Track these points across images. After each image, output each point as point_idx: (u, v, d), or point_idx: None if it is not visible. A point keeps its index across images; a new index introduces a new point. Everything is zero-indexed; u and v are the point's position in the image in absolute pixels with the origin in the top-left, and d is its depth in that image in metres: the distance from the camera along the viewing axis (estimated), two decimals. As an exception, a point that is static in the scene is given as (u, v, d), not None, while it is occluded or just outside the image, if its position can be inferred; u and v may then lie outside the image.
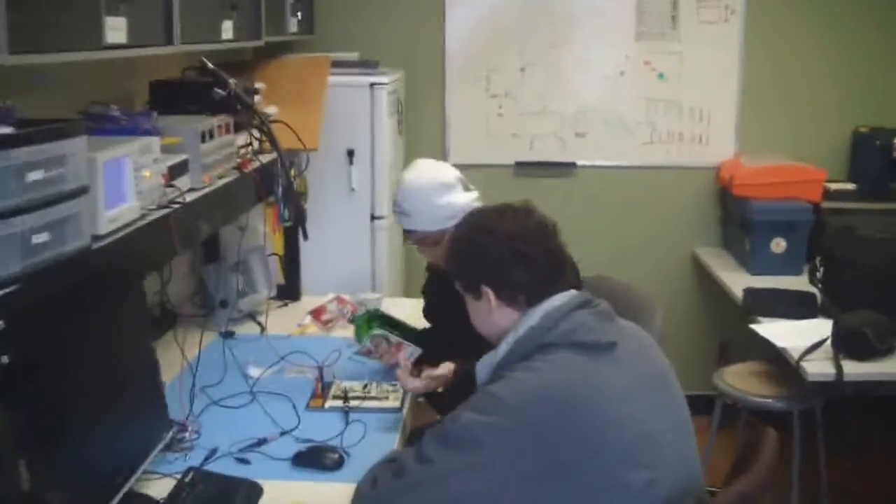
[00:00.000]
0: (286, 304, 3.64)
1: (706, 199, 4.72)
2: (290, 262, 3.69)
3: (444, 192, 2.69)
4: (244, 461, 2.33)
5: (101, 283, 1.95)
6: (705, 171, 4.67)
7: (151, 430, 2.23)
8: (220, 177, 2.63)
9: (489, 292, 2.03)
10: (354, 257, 3.97)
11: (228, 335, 3.23)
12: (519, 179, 4.72)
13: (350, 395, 2.68)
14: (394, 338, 2.79)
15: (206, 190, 2.51)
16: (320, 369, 2.79)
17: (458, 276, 2.11)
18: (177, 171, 2.34)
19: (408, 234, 2.78)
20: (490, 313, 2.05)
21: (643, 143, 4.68)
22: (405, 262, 4.49)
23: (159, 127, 2.36)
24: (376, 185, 3.96)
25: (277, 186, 3.13)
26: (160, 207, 2.18)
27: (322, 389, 2.73)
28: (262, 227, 3.44)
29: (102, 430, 1.96)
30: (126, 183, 2.02)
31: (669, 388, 2.00)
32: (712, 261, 4.55)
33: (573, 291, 2.04)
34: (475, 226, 2.11)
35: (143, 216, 2.11)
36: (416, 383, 2.55)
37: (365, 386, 2.74)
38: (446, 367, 2.56)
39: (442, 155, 4.70)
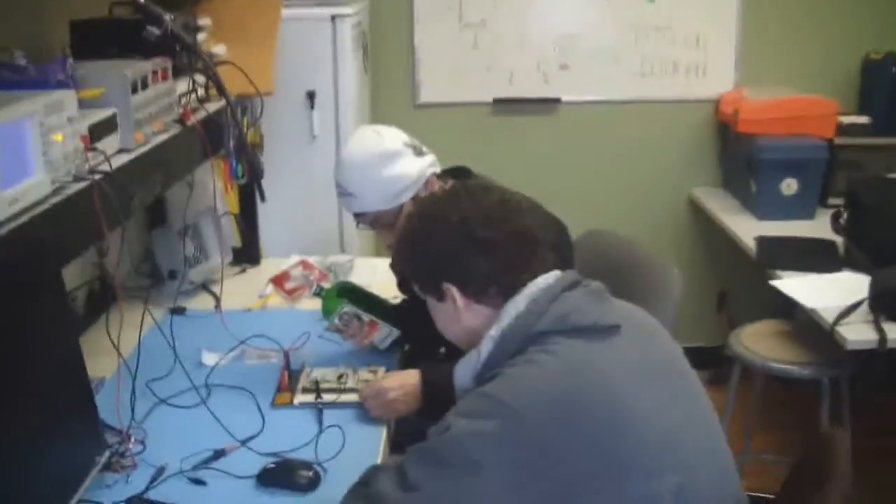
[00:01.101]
0: (244, 271, 3.22)
1: (704, 136, 4.32)
2: (247, 221, 3.25)
3: (391, 161, 2.29)
4: (199, 482, 1.92)
5: (4, 281, 1.52)
6: (703, 105, 4.26)
7: (82, 452, 1.82)
8: (157, 133, 2.18)
9: (452, 290, 1.71)
10: (320, 214, 3.53)
11: (178, 311, 2.81)
12: (497, 118, 4.30)
13: (323, 386, 2.28)
14: (366, 316, 2.39)
15: (140, 150, 2.07)
16: (286, 355, 2.38)
17: (414, 277, 1.79)
18: (101, 130, 1.90)
19: (358, 217, 2.40)
20: (458, 314, 1.73)
21: (633, 74, 4.26)
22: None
23: (77, 77, 1.91)
24: (341, 130, 3.51)
25: (228, 139, 2.68)
26: (78, 179, 1.73)
27: (289, 380, 2.32)
28: (212, 184, 2.99)
29: (18, 459, 1.56)
30: (29, 152, 1.58)
31: (684, 375, 1.71)
32: (712, 203, 4.18)
33: (557, 272, 1.71)
34: (423, 214, 1.78)
35: (56, 192, 1.67)
36: (379, 411, 2.19)
37: (340, 376, 2.33)
38: (403, 380, 2.19)
39: (411, 94, 4.27)
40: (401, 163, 2.27)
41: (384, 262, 3.13)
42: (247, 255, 3.26)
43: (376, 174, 2.26)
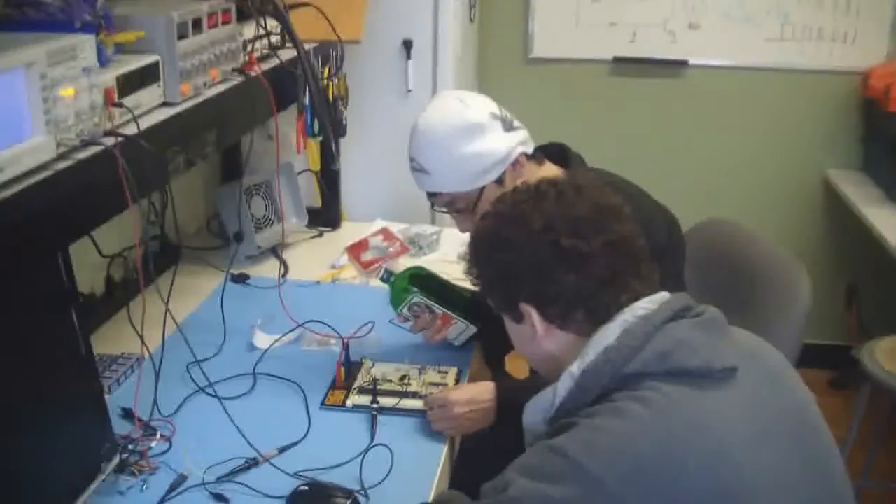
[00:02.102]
0: (321, 235, 2.93)
1: (847, 113, 3.83)
2: (329, 181, 2.96)
3: (475, 135, 1.94)
4: (221, 498, 1.65)
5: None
6: (848, 78, 3.76)
7: (85, 456, 1.57)
8: (212, 84, 1.89)
9: (531, 312, 1.40)
10: (410, 176, 3.21)
11: (239, 280, 2.55)
12: (616, 79, 3.90)
13: (381, 387, 1.98)
14: (439, 309, 2.07)
15: (187, 105, 1.79)
16: (344, 345, 2.08)
17: (487, 291, 1.49)
18: (135, 81, 1.62)
19: (431, 197, 2.06)
20: (537, 339, 1.42)
21: (771, 38, 3.78)
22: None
23: (114, 18, 1.63)
24: (439, 85, 3.17)
25: (304, 92, 2.38)
26: (88, 143, 1.45)
27: (346, 375, 2.03)
28: (294, 136, 2.70)
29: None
30: (24, 110, 1.30)
31: (816, 432, 1.36)
32: (850, 189, 3.71)
33: (663, 294, 1.38)
34: (501, 217, 1.46)
35: (61, 157, 1.39)
36: (442, 425, 1.90)
37: (403, 377, 2.03)
38: (475, 395, 1.90)
39: (524, 48, 3.89)
40: (486, 138, 1.93)
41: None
42: (326, 217, 2.97)
43: (456, 149, 1.93)
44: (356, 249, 2.73)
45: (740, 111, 3.88)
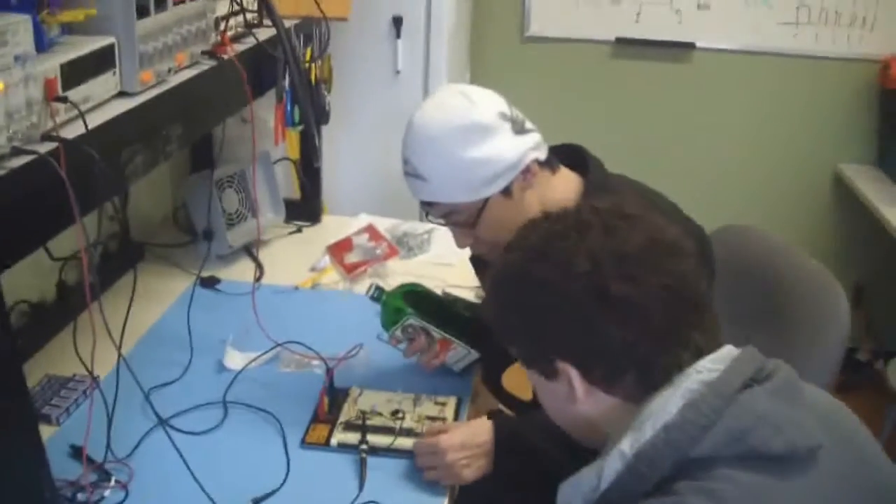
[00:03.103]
0: (300, 230, 2.66)
1: (862, 102, 3.59)
2: (310, 171, 2.68)
3: (479, 138, 1.64)
4: (183, 566, 1.40)
5: None
6: (866, 66, 3.52)
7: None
8: (178, 69, 1.62)
9: (570, 371, 1.13)
10: (398, 166, 2.94)
11: (209, 283, 2.28)
12: (619, 62, 3.64)
13: (371, 422, 1.73)
14: (437, 333, 1.81)
15: (149, 94, 1.52)
16: (329, 374, 1.82)
17: (511, 341, 1.21)
18: (84, 69, 1.35)
19: (427, 206, 1.76)
20: (573, 402, 1.15)
21: (785, 22, 3.53)
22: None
23: (59, -9, 1.35)
24: (431, 66, 2.90)
25: (284, 76, 2.10)
26: (18, 151, 1.17)
27: (329, 405, 1.77)
28: (271, 120, 2.42)
29: None
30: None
31: None
32: (864, 184, 3.48)
33: (729, 350, 1.13)
34: (532, 252, 1.18)
35: (-15, 166, 1.12)
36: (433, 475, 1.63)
37: (396, 412, 1.77)
38: (468, 437, 1.64)
39: (520, 26, 3.61)
40: (493, 141, 1.64)
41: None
42: (305, 211, 2.70)
43: (458, 154, 1.64)
44: (339, 250, 2.46)
45: (749, 99, 3.63)
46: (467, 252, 1.90)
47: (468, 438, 1.60)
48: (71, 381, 1.82)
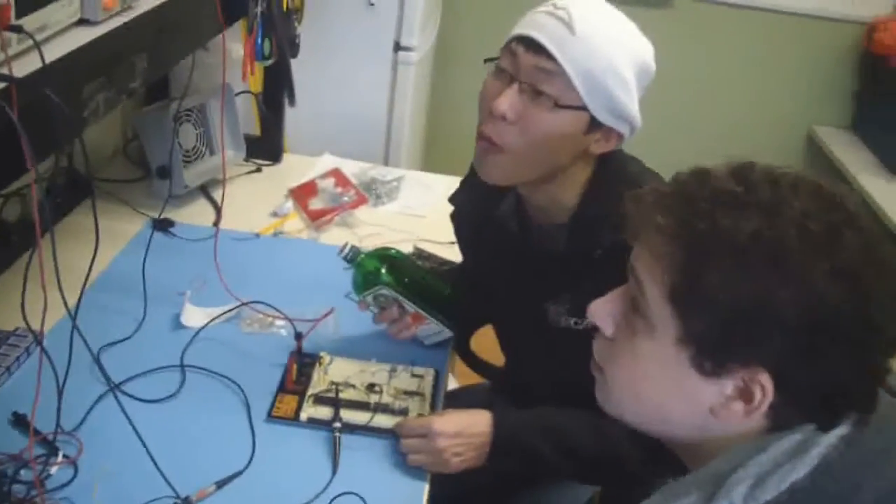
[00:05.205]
0: (259, 170, 2.47)
1: (843, 65, 3.50)
2: (272, 105, 2.49)
3: (639, 74, 1.41)
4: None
5: None
6: (851, 27, 3.42)
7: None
8: (145, -4, 1.44)
9: (760, 384, 0.89)
10: (366, 104, 2.78)
11: (163, 226, 2.10)
12: (595, 6, 3.46)
13: (345, 396, 1.59)
14: (410, 306, 1.67)
15: (113, 24, 1.33)
16: (298, 337, 1.68)
17: (710, 321, 0.89)
18: (43, -8, 1.16)
19: (533, 51, 1.39)
20: (713, 414, 0.92)
21: (770, -26, 3.41)
22: (436, 114, 3.29)
23: None
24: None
25: (252, 3, 1.92)
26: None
27: (298, 374, 1.63)
28: (236, 50, 2.22)
29: None
30: None
31: None
32: (837, 147, 3.41)
33: None
34: (779, 228, 0.87)
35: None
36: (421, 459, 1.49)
37: (372, 386, 1.63)
38: (464, 426, 1.49)
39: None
40: (637, 88, 1.42)
41: (439, 180, 2.43)
42: (265, 149, 2.51)
43: (621, 59, 1.37)
44: (302, 194, 2.30)
45: (727, 52, 3.52)
46: (440, 204, 1.75)
47: (464, 427, 1.47)
48: (12, 335, 1.64)
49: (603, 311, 1.00)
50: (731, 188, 0.90)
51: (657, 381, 0.94)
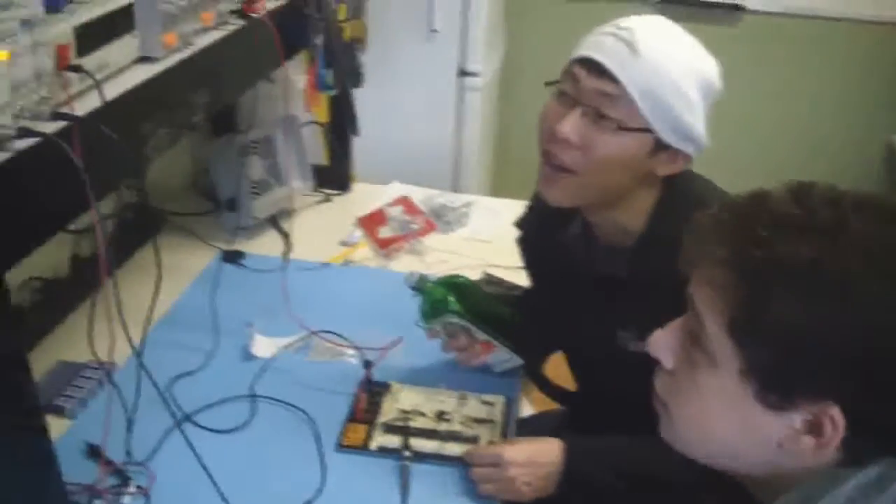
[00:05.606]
0: (328, 199, 2.49)
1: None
2: (339, 135, 2.51)
3: (704, 92, 1.39)
4: None
5: None
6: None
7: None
8: (203, 31, 1.46)
9: (831, 421, 0.85)
10: (433, 131, 2.79)
11: (233, 258, 2.12)
12: (662, 22, 3.43)
13: (414, 424, 1.57)
14: (479, 334, 1.65)
15: (173, 60, 1.35)
16: (367, 366, 1.68)
17: (783, 356, 0.86)
18: (100, 33, 1.18)
19: (595, 74, 1.37)
20: (781, 450, 0.89)
21: (841, -17, 3.33)
22: (504, 138, 3.28)
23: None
24: (470, 24, 2.72)
25: (313, 34, 1.93)
26: (28, 133, 1.01)
27: (368, 402, 1.62)
28: (300, 81, 2.26)
29: None
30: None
31: None
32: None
33: None
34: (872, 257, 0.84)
35: (-11, 148, 0.96)
36: (490, 488, 1.46)
37: (441, 414, 1.61)
38: (536, 455, 1.47)
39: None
40: (702, 107, 1.39)
41: (510, 206, 2.40)
42: (334, 178, 2.53)
43: (685, 78, 1.35)
44: (371, 222, 2.30)
45: (800, 65, 3.44)
46: (508, 229, 1.73)
47: (535, 456, 1.45)
48: (87, 368, 1.67)
49: (663, 344, 0.97)
50: (790, 211, 0.87)
51: (722, 417, 0.91)
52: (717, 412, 0.91)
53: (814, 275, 0.83)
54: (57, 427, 1.54)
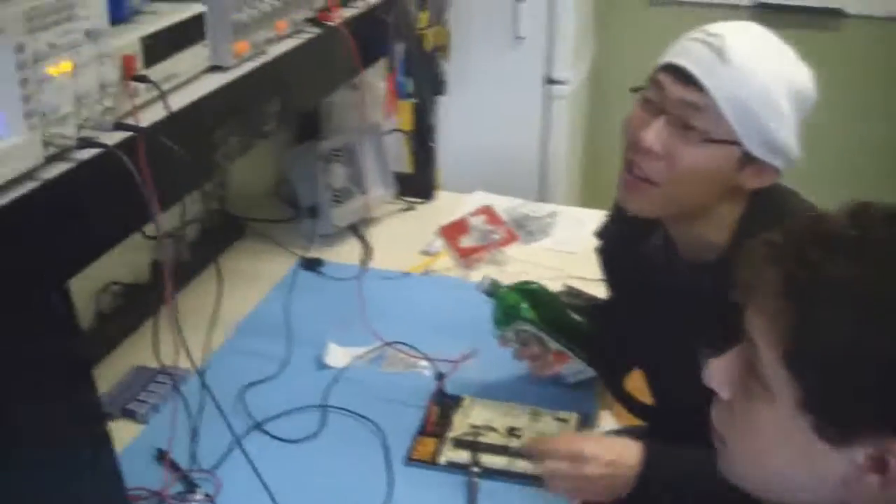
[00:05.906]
0: (412, 208, 2.48)
1: None
2: (422, 144, 2.50)
3: (798, 104, 1.33)
4: None
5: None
6: None
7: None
8: (277, 39, 1.46)
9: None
10: (518, 139, 2.75)
11: (311, 266, 2.13)
12: (758, 29, 3.33)
13: (483, 440, 1.55)
14: (554, 344, 1.61)
15: (244, 69, 1.35)
16: (439, 379, 1.65)
17: (851, 392, 0.81)
18: (169, 43, 1.18)
19: (681, 83, 1.32)
20: (858, 485, 0.83)
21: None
22: (593, 147, 3.23)
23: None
24: (556, 32, 2.68)
25: (392, 42, 1.92)
26: (89, 144, 1.02)
27: (439, 415, 1.60)
28: (381, 86, 2.25)
29: None
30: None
31: None
32: None
33: None
34: None
35: (56, 157, 0.97)
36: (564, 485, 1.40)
37: (512, 429, 1.58)
38: (615, 454, 1.39)
39: (652, -14, 3.35)
40: (794, 119, 1.34)
41: (595, 216, 2.35)
42: (417, 186, 2.51)
43: (777, 88, 1.30)
44: (453, 232, 2.28)
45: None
46: (591, 241, 1.69)
47: (615, 454, 1.38)
48: (160, 373, 1.68)
49: (719, 374, 0.92)
50: (845, 233, 0.82)
51: (781, 451, 0.86)
52: (776, 446, 0.86)
53: (863, 296, 0.78)
54: (129, 432, 1.56)
